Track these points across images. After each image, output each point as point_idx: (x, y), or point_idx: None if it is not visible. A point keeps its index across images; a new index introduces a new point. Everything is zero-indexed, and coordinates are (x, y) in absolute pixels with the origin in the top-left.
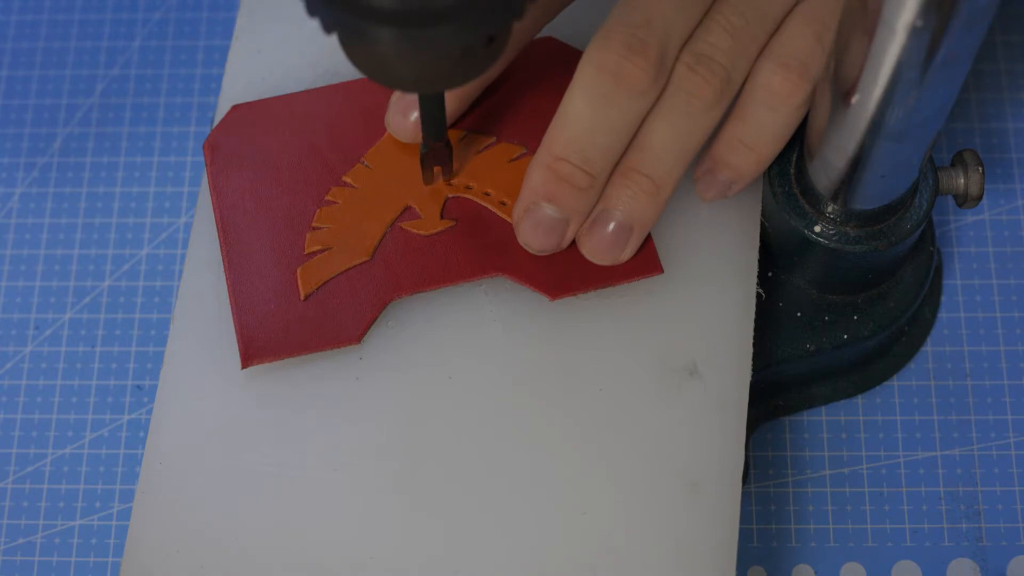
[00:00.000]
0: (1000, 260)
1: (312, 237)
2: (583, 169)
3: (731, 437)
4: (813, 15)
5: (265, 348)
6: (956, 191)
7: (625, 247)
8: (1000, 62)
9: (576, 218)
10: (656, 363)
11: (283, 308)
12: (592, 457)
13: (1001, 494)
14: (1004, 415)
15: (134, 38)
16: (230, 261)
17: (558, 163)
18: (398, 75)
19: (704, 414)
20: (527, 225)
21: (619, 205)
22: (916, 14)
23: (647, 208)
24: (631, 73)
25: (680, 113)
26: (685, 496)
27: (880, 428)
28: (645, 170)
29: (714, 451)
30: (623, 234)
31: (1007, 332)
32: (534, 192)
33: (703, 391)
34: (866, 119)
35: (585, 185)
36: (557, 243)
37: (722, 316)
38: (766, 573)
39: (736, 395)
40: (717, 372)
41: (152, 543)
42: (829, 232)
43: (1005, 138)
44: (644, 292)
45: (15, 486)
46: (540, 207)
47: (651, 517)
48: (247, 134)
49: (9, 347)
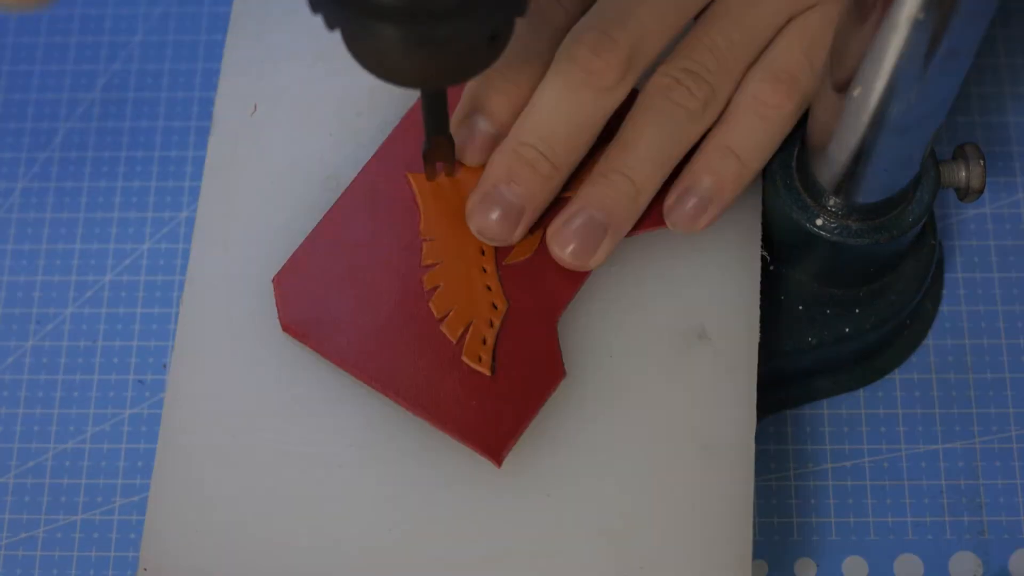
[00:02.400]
0: (1001, 253)
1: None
2: (546, 157)
3: (742, 398)
4: (804, 31)
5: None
6: (958, 184)
7: (596, 250)
8: (1001, 56)
9: (531, 209)
10: (664, 328)
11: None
12: (604, 422)
13: (1003, 487)
14: (1006, 408)
15: (135, 33)
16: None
17: (522, 147)
18: (401, 71)
19: (714, 376)
20: (482, 209)
21: (596, 204)
22: (918, 7)
23: (624, 209)
24: (598, 68)
25: (666, 119)
26: (698, 458)
27: (882, 421)
28: (626, 171)
29: (725, 412)
30: (597, 232)
31: (1008, 325)
32: (495, 176)
33: (712, 354)
34: (868, 112)
35: (546, 172)
36: (509, 233)
37: (728, 279)
38: (768, 567)
39: (745, 356)
40: (725, 335)
41: (171, 520)
42: (831, 225)
43: (1006, 132)
44: (651, 258)
45: (16, 481)
46: (499, 190)
47: (664, 480)
48: (310, 290)
49: (11, 342)
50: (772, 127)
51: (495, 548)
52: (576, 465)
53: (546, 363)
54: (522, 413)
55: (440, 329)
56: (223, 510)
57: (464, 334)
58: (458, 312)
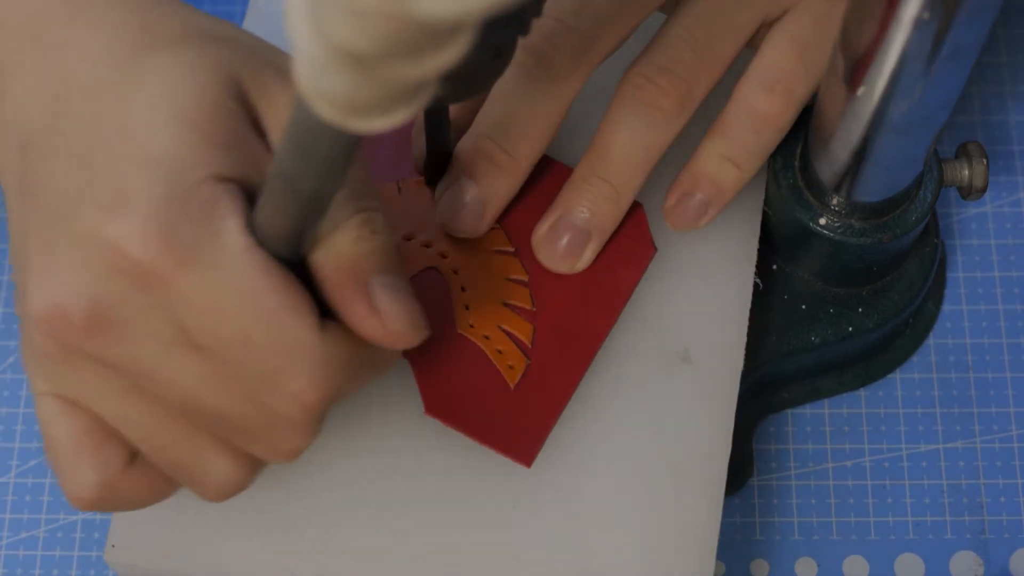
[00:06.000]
0: (1003, 252)
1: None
2: (502, 148)
3: (719, 423)
4: (796, 35)
5: None
6: (960, 183)
7: (582, 255)
8: (1003, 55)
9: (494, 201)
10: (649, 347)
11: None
12: (581, 437)
13: (1004, 487)
14: (1007, 408)
15: None
16: None
17: (480, 140)
18: None
19: (693, 399)
20: (447, 201)
21: (578, 210)
22: (922, 6)
23: (607, 214)
24: (550, 56)
25: (640, 122)
26: (670, 479)
27: (883, 421)
28: (605, 176)
29: (701, 436)
30: (581, 239)
31: (1009, 325)
32: (458, 169)
33: (694, 377)
34: (872, 112)
35: (503, 163)
36: (474, 224)
37: (718, 304)
38: (769, 566)
39: (726, 382)
40: (709, 359)
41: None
42: (834, 224)
43: (1007, 131)
44: (643, 279)
45: (17, 480)
46: (461, 183)
47: (636, 498)
48: None
49: (11, 341)
50: (767, 137)
51: (459, 554)
52: (548, 478)
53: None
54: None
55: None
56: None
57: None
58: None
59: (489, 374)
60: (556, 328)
